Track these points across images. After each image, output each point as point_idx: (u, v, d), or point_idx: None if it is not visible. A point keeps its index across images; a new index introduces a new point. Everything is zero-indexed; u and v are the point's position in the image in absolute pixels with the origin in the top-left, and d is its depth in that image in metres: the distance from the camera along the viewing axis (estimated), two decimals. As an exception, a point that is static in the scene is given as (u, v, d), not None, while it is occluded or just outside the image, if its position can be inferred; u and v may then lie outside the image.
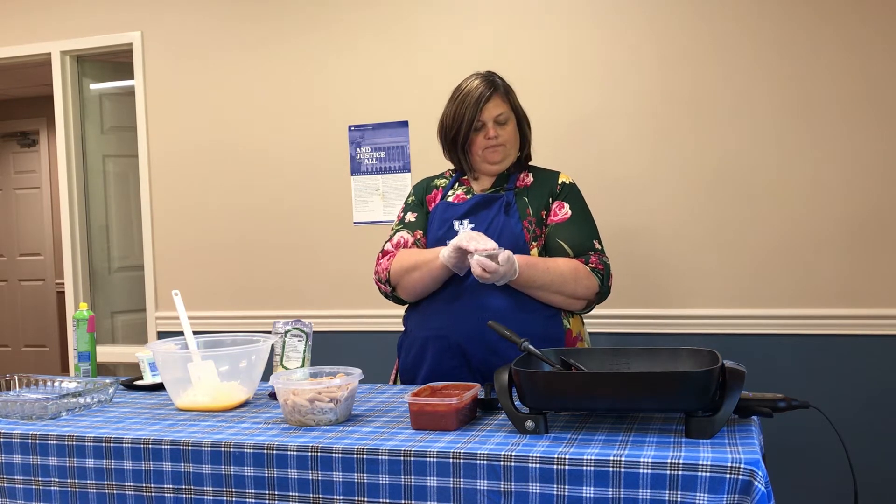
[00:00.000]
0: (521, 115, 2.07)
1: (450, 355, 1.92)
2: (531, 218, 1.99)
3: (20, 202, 6.88)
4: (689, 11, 2.84)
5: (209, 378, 1.77)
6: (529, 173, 2.08)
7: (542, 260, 1.92)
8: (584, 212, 2.05)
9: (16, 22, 3.78)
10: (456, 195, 2.08)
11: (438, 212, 2.06)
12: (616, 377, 1.47)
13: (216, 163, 3.48)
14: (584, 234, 2.00)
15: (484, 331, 1.85)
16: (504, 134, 2.02)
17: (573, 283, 1.93)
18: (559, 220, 2.00)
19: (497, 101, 2.01)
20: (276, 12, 3.35)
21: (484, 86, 2.00)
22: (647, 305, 2.91)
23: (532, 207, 2.00)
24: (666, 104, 2.87)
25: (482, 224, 1.98)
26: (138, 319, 3.92)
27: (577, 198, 2.06)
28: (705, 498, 1.23)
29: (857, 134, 2.69)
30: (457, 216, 2.02)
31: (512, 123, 2.04)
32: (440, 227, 2.03)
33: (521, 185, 2.05)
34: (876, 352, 2.69)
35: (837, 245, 2.72)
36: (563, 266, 1.92)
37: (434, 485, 1.36)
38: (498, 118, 2.01)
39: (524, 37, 3.02)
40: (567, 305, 1.97)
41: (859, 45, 2.68)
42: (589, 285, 1.94)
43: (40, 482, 1.60)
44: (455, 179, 2.13)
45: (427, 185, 2.17)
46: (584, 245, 1.99)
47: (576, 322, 2.04)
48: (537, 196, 2.02)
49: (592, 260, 1.97)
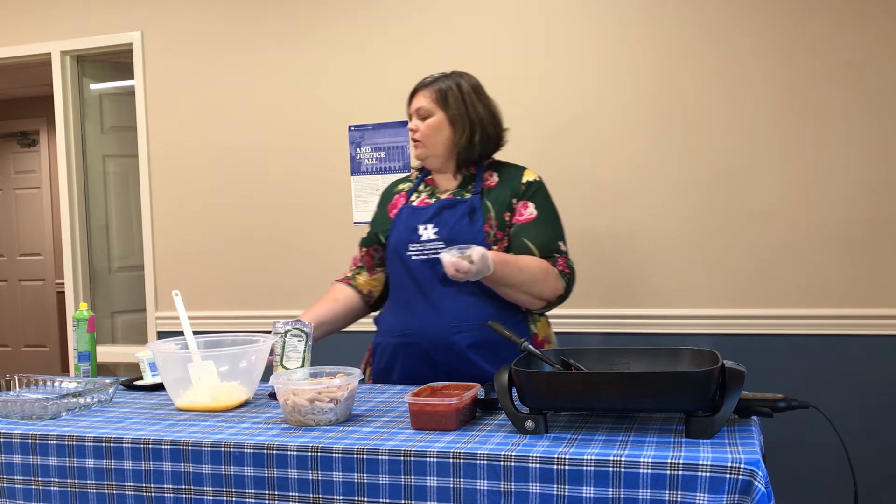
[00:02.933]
0: (461, 114, 2.02)
1: (419, 361, 1.93)
2: (493, 221, 1.99)
3: (20, 202, 6.87)
4: (687, 12, 2.84)
5: (209, 378, 1.77)
6: (495, 172, 2.07)
7: (515, 258, 1.93)
8: (550, 211, 2.05)
9: (16, 22, 3.78)
10: (421, 199, 2.09)
11: (403, 216, 2.07)
12: (616, 377, 1.47)
13: (216, 163, 3.48)
14: (550, 235, 2.01)
15: (449, 336, 1.90)
16: (422, 129, 2.03)
17: (542, 284, 1.95)
18: (524, 219, 2.00)
19: (419, 96, 2.05)
20: (276, 12, 3.35)
21: (420, 82, 2.07)
22: (647, 305, 2.91)
23: (494, 210, 2.00)
24: (666, 105, 2.87)
25: (445, 228, 1.99)
26: (138, 319, 3.92)
27: (543, 197, 2.05)
28: (705, 498, 1.23)
29: (857, 134, 2.69)
30: (421, 221, 2.02)
31: (434, 120, 2.02)
32: (404, 231, 2.03)
33: (486, 186, 2.04)
34: (876, 352, 2.69)
35: (838, 245, 2.72)
36: (534, 266, 1.94)
37: (434, 485, 1.36)
38: (419, 112, 2.04)
39: (524, 37, 3.02)
40: (529, 305, 1.98)
41: (859, 45, 2.68)
42: (555, 288, 1.97)
43: (40, 482, 1.59)
44: (420, 180, 2.14)
45: (391, 190, 2.20)
46: (549, 246, 2.00)
47: (542, 326, 2.05)
48: (500, 198, 2.02)
49: (560, 262, 1.98)
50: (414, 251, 1.99)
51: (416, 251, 1.99)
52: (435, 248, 1.96)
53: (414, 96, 2.06)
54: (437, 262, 1.91)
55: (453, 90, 2.03)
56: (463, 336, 1.92)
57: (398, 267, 2.03)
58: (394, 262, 2.05)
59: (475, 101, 2.04)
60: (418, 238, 2.00)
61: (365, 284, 2.18)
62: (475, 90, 2.06)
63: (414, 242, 1.99)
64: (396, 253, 2.03)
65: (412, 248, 2.00)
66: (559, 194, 1.94)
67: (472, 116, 2.03)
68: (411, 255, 1.99)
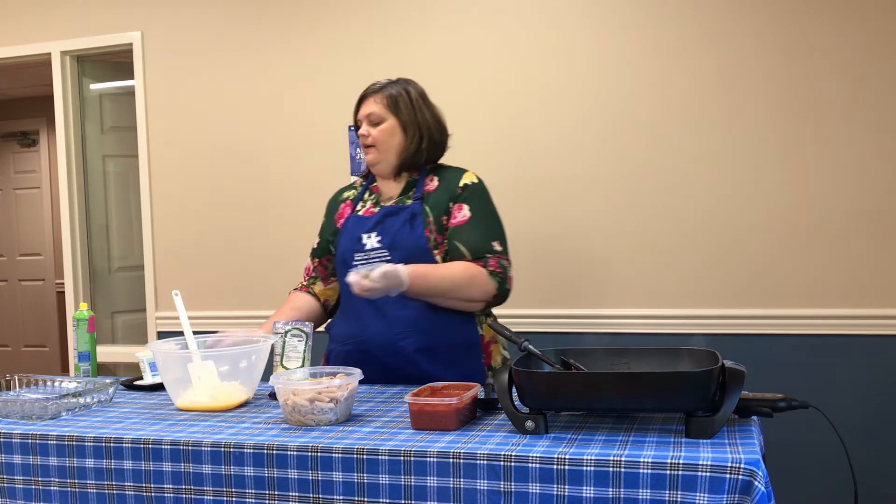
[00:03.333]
0: (411, 120, 2.05)
1: (370, 367, 1.92)
2: (432, 226, 2.00)
3: (20, 202, 6.87)
4: (687, 9, 2.84)
5: (209, 378, 1.77)
6: (435, 177, 2.09)
7: (435, 267, 1.94)
8: (485, 213, 2.04)
9: (16, 22, 3.78)
10: (366, 208, 2.10)
11: (349, 226, 2.08)
12: (616, 377, 1.47)
13: (216, 163, 3.48)
14: (483, 237, 2.00)
15: (397, 342, 1.93)
16: (374, 134, 2.05)
17: (468, 288, 1.94)
18: (458, 222, 2.01)
19: (370, 101, 2.06)
20: (276, 12, 3.35)
21: (368, 88, 2.08)
22: (647, 305, 2.91)
23: (433, 214, 2.01)
24: (669, 105, 2.87)
25: (388, 235, 2.01)
26: (138, 319, 3.92)
27: (479, 198, 2.05)
28: (705, 498, 1.23)
29: (857, 134, 2.69)
30: (365, 230, 2.04)
31: (386, 125, 2.04)
32: (350, 241, 2.05)
33: (426, 191, 2.06)
34: (876, 352, 2.69)
35: (838, 245, 2.72)
36: (457, 271, 1.94)
37: (434, 485, 1.36)
38: (370, 117, 2.05)
39: (524, 37, 3.02)
40: (465, 308, 1.98)
41: (859, 45, 2.68)
42: (486, 289, 1.95)
43: (40, 482, 1.60)
44: (364, 188, 2.16)
45: (337, 199, 2.22)
46: (482, 247, 1.99)
47: (488, 328, 2.06)
48: (438, 202, 2.03)
49: (491, 263, 1.97)
50: (359, 260, 2.01)
51: (360, 260, 2.01)
52: (379, 257, 1.99)
53: (363, 102, 2.08)
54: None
55: (403, 96, 2.06)
56: (410, 341, 1.94)
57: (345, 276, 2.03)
58: (341, 271, 2.06)
59: (423, 108, 2.08)
60: (363, 247, 2.02)
61: (321, 293, 2.20)
62: (422, 97, 2.09)
63: (359, 252, 2.02)
64: (343, 262, 2.05)
65: (357, 256, 2.02)
66: (562, 192, 1.94)
67: (421, 122, 2.07)
68: (356, 264, 2.01)
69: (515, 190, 3.02)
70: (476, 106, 3.08)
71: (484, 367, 2.02)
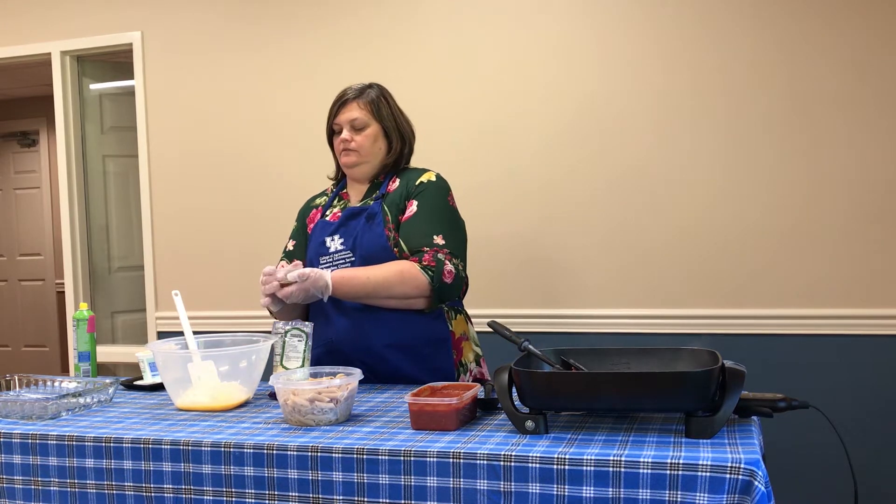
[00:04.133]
0: (392, 125, 2.08)
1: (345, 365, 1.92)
2: (390, 224, 2.01)
3: (20, 202, 6.88)
4: (687, 9, 2.84)
5: (209, 378, 1.77)
6: (398, 178, 2.10)
7: (359, 271, 1.93)
8: (431, 208, 2.01)
9: (16, 22, 3.78)
10: (333, 213, 2.12)
11: (316, 231, 2.11)
12: (616, 377, 1.47)
13: (216, 163, 3.48)
14: (423, 231, 1.97)
15: (366, 342, 1.95)
16: (358, 139, 2.05)
17: (398, 285, 1.91)
18: (404, 218, 2.02)
19: (353, 106, 2.06)
20: (276, 13, 3.35)
21: (346, 92, 2.09)
22: (647, 305, 2.91)
23: (391, 213, 2.03)
24: (667, 105, 2.87)
25: (350, 236, 2.02)
26: (138, 319, 3.92)
27: (431, 194, 2.03)
28: (705, 498, 1.23)
29: (857, 133, 2.69)
30: (328, 233, 2.06)
31: (370, 131, 2.06)
32: (315, 245, 2.08)
33: (388, 192, 2.08)
34: (876, 352, 2.69)
35: (838, 245, 2.72)
36: (385, 272, 1.92)
37: (434, 485, 1.36)
38: (353, 123, 2.06)
39: (524, 37, 3.02)
40: (406, 306, 1.96)
41: (859, 45, 2.68)
42: (416, 284, 1.91)
43: (40, 482, 1.60)
44: (335, 195, 2.17)
45: (308, 205, 2.24)
46: (420, 242, 1.96)
47: (459, 324, 2.07)
48: (396, 201, 2.04)
49: (425, 258, 1.93)
50: (325, 263, 2.03)
51: (326, 263, 2.03)
52: (343, 259, 2.01)
53: (345, 106, 2.07)
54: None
55: (383, 101, 2.08)
56: (378, 338, 1.96)
57: None
58: None
59: (399, 113, 2.11)
60: (327, 250, 2.04)
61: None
62: (394, 102, 2.12)
63: (323, 255, 2.04)
64: (311, 266, 2.05)
65: (322, 260, 2.04)
66: (562, 192, 1.93)
67: (401, 128, 2.10)
68: (322, 266, 2.02)
69: (515, 190, 3.02)
70: (473, 106, 3.08)
71: (455, 363, 2.03)
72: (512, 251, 3.03)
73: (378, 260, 1.96)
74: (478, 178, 3.04)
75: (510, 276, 3.03)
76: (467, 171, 3.03)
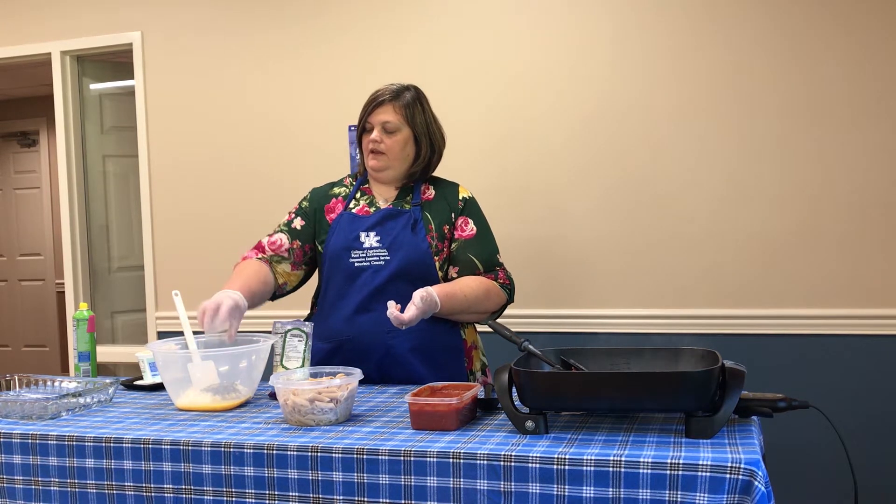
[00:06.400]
0: (424, 132, 2.05)
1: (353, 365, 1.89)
2: (434, 233, 2.03)
3: (20, 202, 6.87)
4: (698, 13, 2.84)
5: (209, 378, 1.77)
6: (431, 186, 2.11)
7: (457, 286, 1.96)
8: (486, 227, 2.11)
9: (16, 22, 3.78)
10: (360, 207, 2.09)
11: (344, 222, 2.06)
12: (616, 377, 1.47)
13: (216, 163, 3.48)
14: (490, 250, 2.08)
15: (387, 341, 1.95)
16: (388, 142, 2.03)
17: (486, 302, 2.01)
18: (467, 236, 2.06)
19: (388, 109, 2.03)
20: (276, 13, 3.35)
21: (383, 92, 2.06)
22: (647, 305, 2.91)
23: (434, 223, 2.03)
24: (672, 106, 2.87)
25: (388, 236, 2.01)
26: (138, 319, 3.92)
27: (479, 213, 2.12)
28: (705, 498, 1.23)
29: (858, 134, 2.69)
30: (363, 228, 2.04)
31: (401, 136, 2.03)
32: (346, 237, 2.03)
33: (424, 199, 2.08)
34: (876, 352, 2.69)
35: (838, 245, 2.72)
36: (476, 287, 1.99)
37: (434, 485, 1.36)
38: (385, 125, 2.03)
39: (523, 38, 3.02)
40: (478, 320, 2.06)
41: (863, 45, 2.68)
42: (499, 301, 2.04)
43: (40, 482, 1.59)
44: (356, 188, 2.13)
45: (326, 192, 2.16)
46: (491, 261, 2.07)
47: (470, 333, 2.10)
48: (439, 211, 2.06)
49: (500, 276, 2.06)
50: (356, 258, 2.01)
51: (358, 258, 2.01)
52: (377, 256, 2.00)
53: (379, 107, 2.03)
54: (378, 269, 1.98)
55: (418, 107, 2.06)
56: (401, 340, 1.96)
57: (337, 271, 2.03)
58: (333, 267, 2.04)
59: (433, 119, 2.09)
60: (360, 245, 2.02)
61: (285, 275, 2.11)
62: (429, 107, 2.10)
63: (356, 249, 2.01)
64: (337, 258, 2.03)
65: (354, 254, 2.01)
66: (563, 193, 1.94)
67: (433, 134, 2.08)
68: (353, 261, 2.01)
69: (518, 190, 3.02)
70: (482, 109, 3.07)
71: (466, 371, 2.05)
72: (512, 251, 3.02)
73: (417, 265, 1.98)
74: (480, 181, 3.03)
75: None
76: (470, 173, 3.02)
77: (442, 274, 2.03)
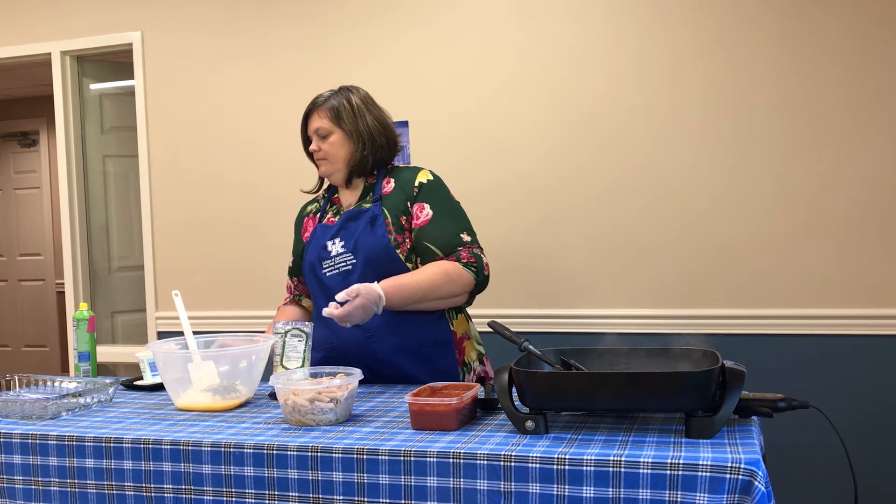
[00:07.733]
0: (353, 129, 2.06)
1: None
2: (391, 227, 2.02)
3: (20, 202, 6.88)
4: (693, 13, 2.84)
5: (209, 378, 1.77)
6: (392, 178, 2.11)
7: (408, 276, 1.94)
8: (447, 208, 2.06)
9: (16, 22, 3.78)
10: (327, 218, 2.13)
11: (315, 235, 2.11)
12: (616, 377, 1.47)
13: (216, 163, 3.48)
14: (450, 232, 2.02)
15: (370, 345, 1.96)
16: (325, 148, 2.08)
17: (447, 286, 1.95)
18: (422, 222, 2.03)
19: (315, 117, 2.09)
20: (275, 13, 3.35)
21: (312, 102, 2.11)
22: (647, 305, 2.91)
23: (391, 215, 2.03)
24: (671, 107, 2.87)
25: (350, 239, 2.02)
26: (138, 319, 3.92)
27: (438, 195, 2.07)
28: (705, 498, 1.23)
29: (858, 134, 2.69)
30: (329, 237, 2.07)
31: (335, 138, 2.06)
32: (315, 249, 2.08)
33: (384, 193, 2.08)
34: (876, 352, 2.69)
35: (838, 245, 2.72)
36: (432, 273, 1.95)
37: (434, 485, 1.36)
38: (318, 132, 2.08)
39: (527, 42, 3.02)
40: (450, 305, 2.02)
41: (863, 44, 2.68)
42: (464, 282, 1.97)
43: (40, 482, 1.60)
44: (327, 200, 2.18)
45: (300, 215, 2.25)
46: (451, 243, 2.01)
47: (460, 324, 2.09)
48: (395, 203, 2.05)
49: (463, 255, 1.99)
50: (327, 268, 2.04)
51: (328, 268, 2.04)
52: (344, 261, 2.01)
53: (310, 117, 2.10)
54: (346, 273, 1.99)
55: (345, 106, 2.07)
56: (382, 342, 1.96)
57: (314, 284, 2.08)
58: (310, 280, 2.10)
59: (365, 114, 2.09)
60: (329, 254, 2.04)
61: (310, 308, 2.25)
62: (364, 102, 2.10)
63: (325, 259, 2.05)
64: (312, 271, 2.08)
65: (325, 264, 2.04)
66: (564, 192, 1.93)
67: (362, 129, 2.08)
68: (325, 272, 2.04)
69: (516, 191, 3.02)
70: (476, 109, 3.07)
71: (459, 363, 2.04)
72: (512, 251, 3.03)
73: (380, 261, 1.97)
74: (479, 180, 3.04)
75: (511, 277, 3.02)
76: (469, 173, 3.03)
77: (412, 265, 2.02)
